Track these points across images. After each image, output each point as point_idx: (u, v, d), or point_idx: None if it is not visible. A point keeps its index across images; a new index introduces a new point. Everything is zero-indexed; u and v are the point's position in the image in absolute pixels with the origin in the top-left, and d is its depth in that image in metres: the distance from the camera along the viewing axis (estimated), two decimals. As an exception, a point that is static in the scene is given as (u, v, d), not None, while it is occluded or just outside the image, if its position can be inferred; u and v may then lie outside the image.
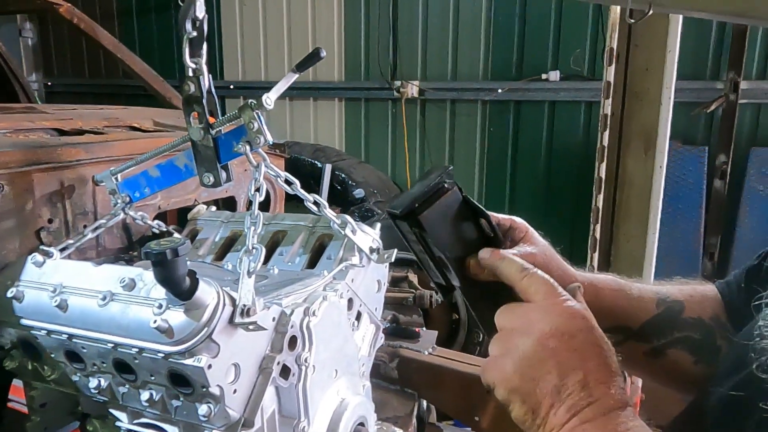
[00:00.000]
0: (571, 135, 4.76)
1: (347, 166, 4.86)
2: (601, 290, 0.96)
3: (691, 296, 0.99)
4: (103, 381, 1.02)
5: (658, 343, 0.97)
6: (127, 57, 2.60)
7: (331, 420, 1.09)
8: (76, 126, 1.65)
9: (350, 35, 5.40)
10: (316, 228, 1.34)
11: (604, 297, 0.96)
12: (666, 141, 2.69)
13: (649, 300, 0.98)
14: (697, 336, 0.96)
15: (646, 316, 0.97)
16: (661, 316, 0.97)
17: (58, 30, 6.98)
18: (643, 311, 0.97)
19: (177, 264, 0.79)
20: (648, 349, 0.98)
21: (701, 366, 0.96)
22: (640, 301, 0.98)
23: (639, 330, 0.98)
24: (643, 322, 0.97)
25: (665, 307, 0.98)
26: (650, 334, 0.97)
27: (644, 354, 0.99)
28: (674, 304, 0.98)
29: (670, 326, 0.97)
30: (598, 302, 0.94)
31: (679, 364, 0.97)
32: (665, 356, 0.98)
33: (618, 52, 2.66)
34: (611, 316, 0.96)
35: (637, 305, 0.97)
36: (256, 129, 1.04)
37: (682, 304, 0.98)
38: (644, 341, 0.98)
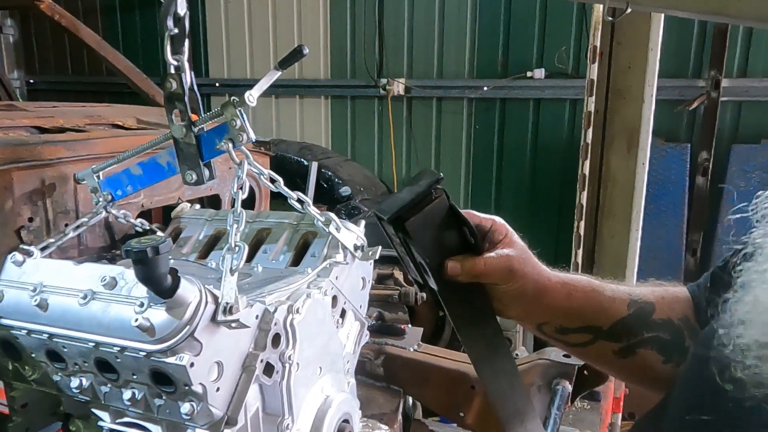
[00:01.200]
0: (555, 132, 4.79)
1: (333, 163, 4.85)
2: (574, 292, 0.99)
3: (662, 297, 1.01)
4: (84, 380, 1.01)
5: (628, 343, 0.99)
6: (110, 54, 2.58)
7: (316, 417, 1.09)
8: (57, 124, 1.64)
9: (336, 33, 5.39)
10: (300, 225, 1.34)
11: (576, 298, 0.99)
12: (648, 138, 2.72)
13: (621, 301, 1.00)
14: (666, 336, 0.98)
15: (616, 317, 0.99)
16: (632, 316, 0.99)
17: (40, 26, 6.87)
18: (614, 312, 0.99)
19: (158, 262, 0.79)
20: (618, 348, 1.00)
21: (670, 365, 0.98)
22: (612, 303, 1.00)
23: (609, 330, 1.00)
24: (614, 322, 0.99)
25: (636, 308, 0.99)
26: (620, 334, 0.99)
27: (614, 353, 1.01)
28: (645, 306, 1.00)
29: (640, 327, 0.99)
30: (570, 303, 0.98)
31: (649, 364, 0.99)
32: (635, 355, 1.00)
33: (601, 50, 2.68)
34: (582, 317, 0.99)
35: (609, 306, 0.99)
36: (238, 126, 1.04)
37: (653, 305, 1.00)
38: (614, 340, 1.00)
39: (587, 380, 1.56)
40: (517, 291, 0.95)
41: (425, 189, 0.86)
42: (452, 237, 0.90)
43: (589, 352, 1.03)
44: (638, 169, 2.74)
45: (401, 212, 0.86)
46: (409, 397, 1.74)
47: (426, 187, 0.86)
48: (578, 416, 2.37)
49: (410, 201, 0.86)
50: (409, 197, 0.86)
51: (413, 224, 0.87)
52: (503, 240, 0.95)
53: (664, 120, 4.13)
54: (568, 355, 1.56)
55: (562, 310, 0.99)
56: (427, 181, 0.87)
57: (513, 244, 0.95)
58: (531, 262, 0.96)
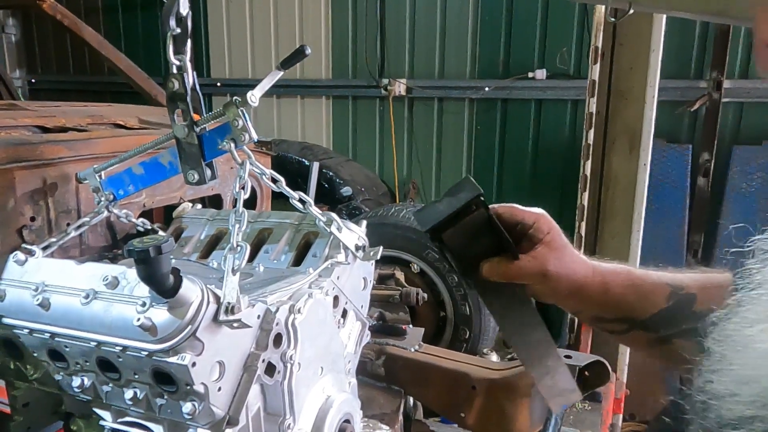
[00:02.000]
0: (557, 133, 4.79)
1: (335, 164, 4.85)
2: (612, 285, 1.00)
3: (704, 287, 0.99)
4: (86, 380, 1.01)
5: (665, 333, 0.99)
6: (112, 54, 2.58)
7: (317, 417, 1.09)
8: (59, 123, 1.64)
9: (338, 33, 5.39)
10: (301, 226, 1.34)
11: (614, 292, 1.00)
12: (650, 139, 2.72)
13: (661, 293, 1.00)
14: None
15: (654, 310, 0.99)
16: (671, 309, 0.98)
17: (42, 26, 6.88)
18: (652, 305, 0.99)
19: (160, 262, 0.79)
20: (654, 337, 1.01)
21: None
22: (651, 295, 1.00)
23: (645, 321, 1.00)
24: (652, 314, 0.99)
25: (675, 300, 0.99)
26: (657, 325, 1.00)
27: (649, 341, 1.02)
28: (685, 297, 0.99)
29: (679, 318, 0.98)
30: (606, 296, 1.00)
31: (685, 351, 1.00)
32: (671, 344, 1.00)
33: (603, 51, 2.68)
34: (618, 309, 1.01)
35: (646, 299, 1.00)
36: (240, 126, 1.04)
37: (693, 296, 0.99)
38: (651, 331, 1.00)
39: (588, 381, 1.55)
40: (551, 290, 0.98)
41: (464, 205, 0.92)
42: (489, 241, 0.95)
43: (625, 338, 1.06)
44: (639, 170, 2.74)
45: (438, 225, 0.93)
46: (410, 397, 1.74)
47: (465, 202, 0.92)
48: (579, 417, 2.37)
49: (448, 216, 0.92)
50: (447, 211, 0.92)
51: (449, 236, 0.94)
52: (544, 239, 0.97)
53: (666, 121, 4.12)
54: (570, 355, 1.56)
55: (598, 303, 1.01)
56: (467, 195, 0.92)
57: (552, 244, 0.97)
58: (567, 262, 0.98)
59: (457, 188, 0.94)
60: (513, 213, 0.99)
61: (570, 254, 0.99)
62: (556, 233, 0.99)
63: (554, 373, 1.08)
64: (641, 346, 1.05)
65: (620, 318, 1.01)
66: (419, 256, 2.38)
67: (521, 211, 0.99)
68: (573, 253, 1.00)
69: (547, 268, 0.95)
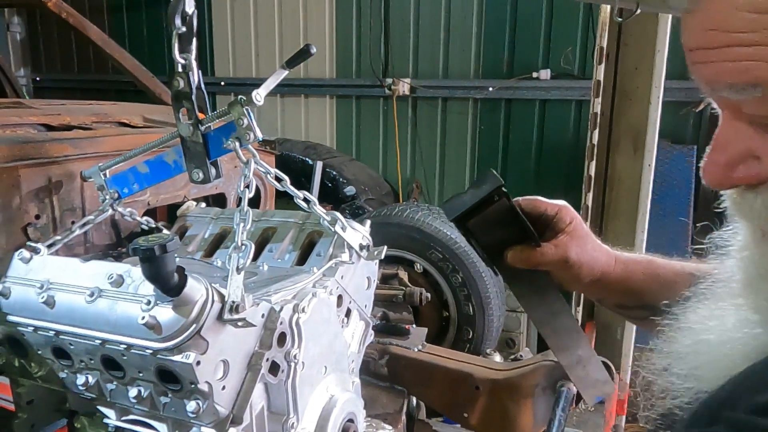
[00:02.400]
0: (561, 133, 4.78)
1: (338, 163, 4.85)
2: (633, 273, 1.03)
3: None
4: (90, 378, 1.01)
5: None
6: (117, 52, 2.58)
7: (320, 416, 1.09)
8: (64, 121, 1.64)
9: (342, 32, 5.38)
10: (305, 225, 1.34)
11: (635, 281, 1.03)
12: (655, 140, 2.71)
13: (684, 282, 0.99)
14: None
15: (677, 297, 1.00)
16: None
17: (46, 24, 6.90)
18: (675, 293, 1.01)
19: (165, 260, 0.79)
20: None
21: None
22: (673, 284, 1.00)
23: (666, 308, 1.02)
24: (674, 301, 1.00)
25: None
26: None
27: None
28: None
29: None
30: (628, 285, 1.03)
31: None
32: None
33: (608, 51, 2.67)
34: (641, 297, 1.04)
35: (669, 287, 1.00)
36: (245, 125, 1.04)
37: None
38: None
39: (592, 382, 1.55)
40: (573, 277, 1.01)
41: (486, 195, 0.96)
42: (513, 230, 0.99)
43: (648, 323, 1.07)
44: (644, 170, 2.73)
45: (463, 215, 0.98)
46: (413, 397, 1.74)
47: (487, 192, 0.96)
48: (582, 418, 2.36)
49: (472, 205, 0.97)
50: (471, 201, 0.97)
51: (474, 225, 0.99)
52: (566, 228, 1.00)
53: (670, 122, 4.11)
54: (573, 356, 1.56)
55: (620, 291, 1.04)
56: (489, 186, 0.96)
57: (574, 233, 1.00)
58: (589, 251, 1.00)
59: (480, 180, 0.98)
60: (536, 204, 1.02)
61: (592, 243, 1.02)
62: (579, 223, 1.02)
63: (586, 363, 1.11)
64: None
65: (643, 305, 1.04)
66: (423, 256, 2.38)
67: (544, 203, 1.03)
68: (595, 242, 1.03)
69: (569, 256, 0.98)
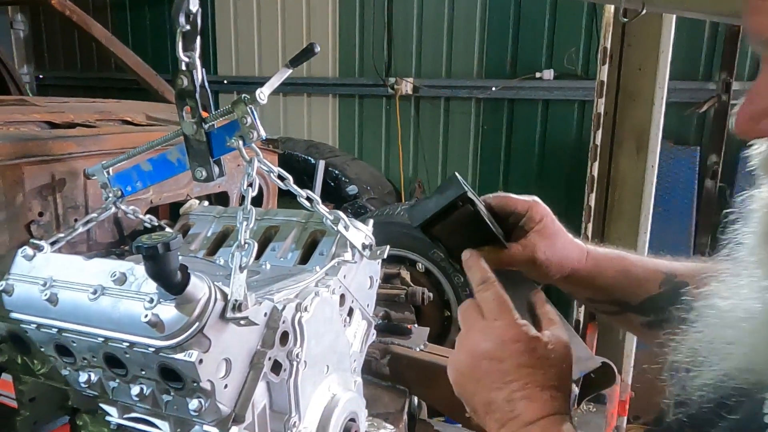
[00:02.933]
0: (564, 134, 4.77)
1: (341, 162, 4.85)
2: (603, 269, 1.02)
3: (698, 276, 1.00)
4: (93, 375, 1.01)
5: (656, 318, 1.01)
6: (120, 50, 2.59)
7: (322, 415, 1.09)
8: (68, 119, 1.64)
9: (345, 31, 5.38)
10: (308, 224, 1.33)
11: (606, 276, 1.02)
12: (658, 141, 2.71)
13: (654, 279, 1.01)
14: None
15: (646, 295, 1.01)
16: (663, 295, 0.99)
17: (50, 22, 6.91)
18: (645, 291, 1.01)
19: (168, 258, 0.79)
20: (645, 321, 1.02)
21: None
22: (643, 281, 1.01)
23: (638, 306, 1.02)
24: (644, 299, 1.01)
25: (669, 286, 1.00)
26: (649, 310, 1.01)
27: (641, 324, 1.04)
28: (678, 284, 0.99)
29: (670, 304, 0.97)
30: (599, 281, 1.02)
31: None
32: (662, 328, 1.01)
33: (611, 51, 2.67)
34: (611, 293, 1.03)
35: (638, 284, 1.01)
36: (249, 124, 1.04)
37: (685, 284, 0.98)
38: (642, 315, 1.02)
39: (594, 383, 1.55)
40: (542, 275, 1.00)
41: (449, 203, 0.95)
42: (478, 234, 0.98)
43: (618, 320, 1.08)
44: (647, 171, 2.73)
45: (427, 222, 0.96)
46: (415, 396, 1.74)
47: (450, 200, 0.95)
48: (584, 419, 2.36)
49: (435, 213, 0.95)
50: (434, 208, 0.95)
51: (439, 231, 0.97)
52: (535, 227, 0.98)
53: (674, 123, 4.10)
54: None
55: (590, 287, 1.03)
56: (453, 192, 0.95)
57: (544, 232, 0.98)
58: (558, 249, 0.99)
59: (445, 186, 0.97)
60: (506, 202, 1.00)
61: (562, 240, 1.00)
62: (549, 221, 1.00)
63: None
64: (634, 328, 1.08)
65: (613, 301, 1.04)
66: (425, 256, 2.38)
67: (514, 200, 1.01)
68: (566, 239, 1.01)
69: (537, 256, 0.97)
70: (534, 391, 0.76)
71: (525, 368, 0.77)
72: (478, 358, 0.79)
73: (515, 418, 0.75)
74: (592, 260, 1.02)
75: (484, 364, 0.78)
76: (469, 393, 0.81)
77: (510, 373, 0.77)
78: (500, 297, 0.83)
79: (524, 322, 0.81)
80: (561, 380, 0.78)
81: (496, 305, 0.82)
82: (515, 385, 0.76)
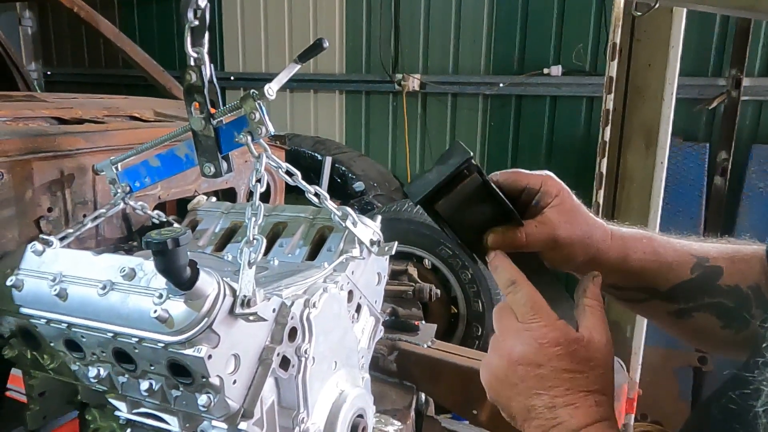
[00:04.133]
0: (572, 130, 4.74)
1: (347, 158, 4.84)
2: (632, 253, 0.92)
3: (732, 261, 0.93)
4: (102, 370, 1.01)
5: (686, 306, 0.94)
6: (128, 46, 2.59)
7: (330, 411, 1.09)
8: (76, 115, 1.64)
9: (352, 27, 5.37)
10: (316, 220, 1.33)
11: (634, 260, 0.92)
12: (667, 137, 2.68)
13: (684, 264, 0.93)
14: (730, 304, 0.92)
15: (677, 281, 0.93)
16: (695, 281, 0.92)
17: (58, 19, 6.93)
18: (676, 275, 0.93)
19: (178, 254, 0.79)
20: (673, 309, 0.95)
21: (728, 331, 0.92)
22: (674, 265, 0.93)
23: (667, 292, 0.94)
24: (673, 285, 0.93)
25: (701, 272, 0.93)
26: (678, 297, 0.94)
27: (668, 313, 0.96)
28: (712, 270, 0.93)
29: (702, 292, 0.92)
30: (626, 265, 0.92)
31: (705, 327, 0.94)
32: (691, 318, 0.94)
33: (620, 47, 2.64)
34: (639, 278, 0.94)
35: (668, 270, 0.93)
36: (257, 119, 1.04)
37: (720, 270, 0.93)
38: (671, 302, 0.95)
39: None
40: (565, 257, 0.89)
41: (454, 171, 0.82)
42: (490, 209, 0.86)
43: (642, 307, 0.99)
44: (656, 168, 2.70)
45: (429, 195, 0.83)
46: (422, 393, 1.74)
47: (455, 167, 0.82)
48: (591, 416, 2.35)
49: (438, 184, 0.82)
50: (437, 179, 0.82)
51: (443, 207, 0.84)
52: (552, 203, 0.88)
53: (683, 119, 4.06)
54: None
55: (617, 271, 0.92)
56: (457, 160, 0.82)
57: (561, 207, 0.88)
58: (580, 227, 0.88)
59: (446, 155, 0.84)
60: (516, 178, 0.89)
61: (584, 217, 0.90)
62: (566, 195, 0.89)
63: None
64: (659, 316, 0.99)
65: (640, 287, 0.94)
66: (432, 252, 2.37)
67: (525, 176, 0.90)
68: (587, 215, 0.90)
69: (557, 234, 0.86)
70: (577, 396, 0.71)
71: (566, 373, 0.72)
72: (513, 363, 0.74)
73: (558, 425, 0.71)
74: (618, 240, 0.92)
75: (520, 369, 0.74)
76: (505, 398, 0.76)
77: (549, 378, 0.72)
78: (532, 297, 0.77)
79: (562, 322, 0.75)
80: (605, 383, 0.73)
81: (530, 307, 0.76)
82: (556, 391, 0.72)
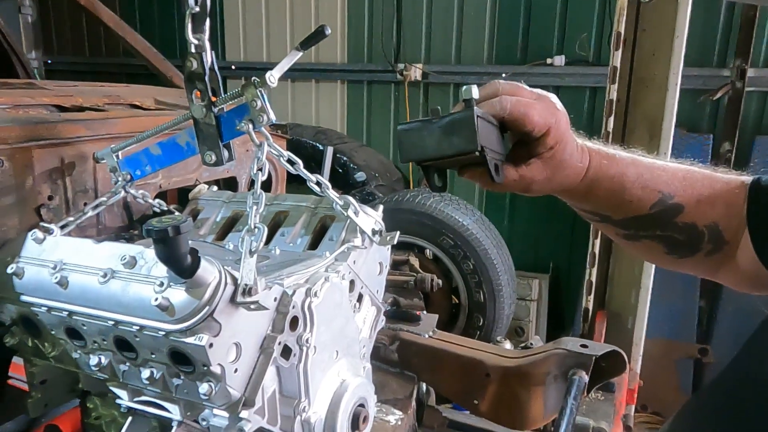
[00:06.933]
0: (575, 120, 4.62)
1: (349, 148, 4.83)
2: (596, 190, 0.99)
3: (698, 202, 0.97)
4: (103, 358, 1.01)
5: (635, 233, 1.02)
6: (128, 35, 2.57)
7: (332, 401, 1.09)
8: (77, 103, 1.63)
9: (353, 16, 5.34)
10: (318, 209, 1.33)
11: (597, 196, 1.00)
12: (671, 128, 2.67)
13: (647, 200, 0.98)
14: (681, 238, 0.98)
15: (633, 214, 1.00)
16: (651, 216, 0.98)
17: (58, 7, 6.89)
18: (632, 210, 0.99)
19: (179, 242, 0.79)
20: (623, 233, 1.04)
21: (672, 256, 1.02)
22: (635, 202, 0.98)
23: (621, 221, 1.02)
24: (628, 217, 1.00)
25: (660, 209, 0.97)
26: (630, 226, 1.01)
27: (617, 234, 1.05)
28: (671, 207, 0.97)
29: (655, 226, 0.99)
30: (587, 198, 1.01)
31: (650, 250, 1.03)
32: (639, 241, 1.03)
33: (625, 36, 2.62)
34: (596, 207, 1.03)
35: (627, 205, 0.99)
36: (259, 107, 1.03)
37: (680, 208, 0.97)
38: (622, 228, 1.03)
39: (604, 371, 1.54)
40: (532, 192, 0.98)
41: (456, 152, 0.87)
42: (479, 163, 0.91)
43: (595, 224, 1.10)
44: (660, 158, 2.69)
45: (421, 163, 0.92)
46: (423, 383, 1.74)
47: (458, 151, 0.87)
48: (592, 407, 2.35)
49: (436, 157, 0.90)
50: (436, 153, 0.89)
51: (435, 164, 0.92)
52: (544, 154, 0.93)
53: (687, 110, 4.05)
54: (586, 345, 1.54)
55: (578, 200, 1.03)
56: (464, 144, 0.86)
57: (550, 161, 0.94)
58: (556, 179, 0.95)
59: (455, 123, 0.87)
60: (525, 121, 0.92)
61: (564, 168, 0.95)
62: (560, 149, 0.94)
63: None
64: (610, 233, 1.09)
65: (596, 212, 1.04)
66: (434, 242, 2.37)
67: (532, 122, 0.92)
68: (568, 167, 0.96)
69: (531, 188, 0.96)
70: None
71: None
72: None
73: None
74: (588, 181, 0.98)
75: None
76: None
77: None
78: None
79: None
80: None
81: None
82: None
